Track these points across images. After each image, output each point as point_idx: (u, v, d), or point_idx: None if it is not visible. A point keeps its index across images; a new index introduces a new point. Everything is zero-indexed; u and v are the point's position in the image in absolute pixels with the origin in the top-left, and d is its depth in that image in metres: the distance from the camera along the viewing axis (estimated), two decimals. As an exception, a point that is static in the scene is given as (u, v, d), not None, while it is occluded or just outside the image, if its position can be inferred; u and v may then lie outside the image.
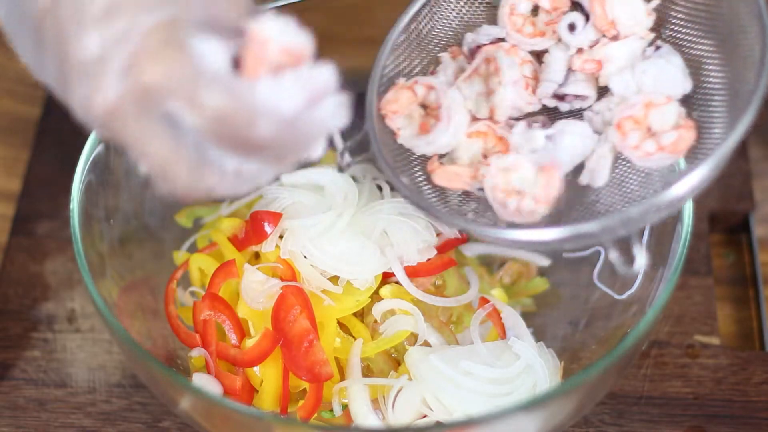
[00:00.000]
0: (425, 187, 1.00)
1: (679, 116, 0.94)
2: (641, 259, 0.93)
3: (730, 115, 0.92)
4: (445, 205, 0.99)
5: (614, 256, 0.93)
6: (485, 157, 0.98)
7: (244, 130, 0.78)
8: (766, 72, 0.88)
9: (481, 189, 0.96)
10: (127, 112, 0.78)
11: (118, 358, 1.13)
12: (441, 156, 1.00)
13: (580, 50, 0.98)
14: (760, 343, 1.16)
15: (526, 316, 1.09)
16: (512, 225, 0.94)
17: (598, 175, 0.96)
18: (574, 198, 0.96)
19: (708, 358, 1.13)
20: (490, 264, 1.15)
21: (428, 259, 1.06)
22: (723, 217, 1.23)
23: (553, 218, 0.94)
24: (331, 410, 1.03)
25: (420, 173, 1.01)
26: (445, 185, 0.99)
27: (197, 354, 1.04)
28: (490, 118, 0.99)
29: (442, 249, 1.07)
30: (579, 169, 0.97)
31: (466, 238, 1.11)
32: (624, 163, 0.96)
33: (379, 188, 1.10)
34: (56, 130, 1.30)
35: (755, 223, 1.22)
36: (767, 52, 0.88)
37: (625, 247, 0.94)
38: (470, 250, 1.14)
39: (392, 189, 1.08)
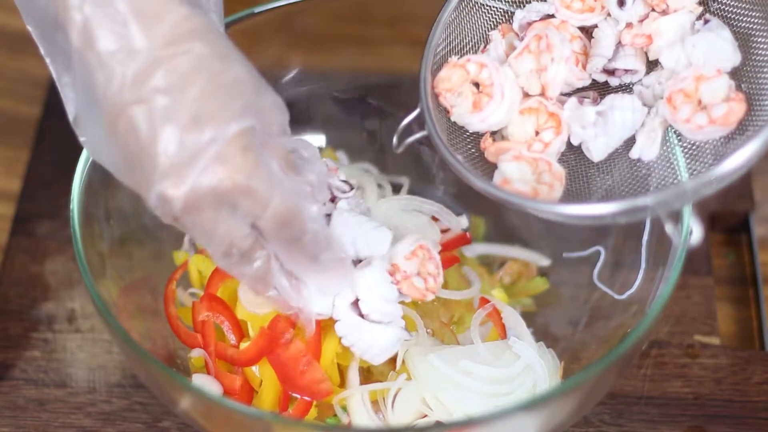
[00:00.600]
0: (479, 165, 1.00)
1: (729, 89, 0.94)
2: (697, 231, 0.93)
3: None
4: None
5: (670, 228, 0.93)
6: (537, 133, 0.99)
7: (296, 228, 0.91)
8: None
9: None
10: (204, 211, 0.89)
11: (118, 358, 1.13)
12: (493, 133, 1.01)
13: (629, 25, 0.99)
14: (760, 343, 1.16)
15: (526, 316, 1.08)
16: (569, 201, 0.95)
17: (649, 149, 0.97)
18: (626, 172, 0.97)
19: (708, 358, 1.13)
20: (490, 264, 1.15)
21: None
22: (723, 217, 1.23)
23: (606, 192, 0.96)
24: (335, 415, 1.03)
25: (474, 150, 1.01)
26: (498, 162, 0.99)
27: (197, 354, 1.04)
28: (542, 94, 0.99)
29: (445, 248, 1.07)
30: (630, 143, 0.98)
31: (469, 239, 1.11)
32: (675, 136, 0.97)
33: (380, 186, 1.10)
34: (56, 130, 1.29)
35: (755, 223, 1.22)
36: None
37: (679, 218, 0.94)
38: (470, 251, 1.14)
39: (442, 169, 1.08)
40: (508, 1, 1.03)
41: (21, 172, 1.28)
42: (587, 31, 1.01)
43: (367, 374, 1.03)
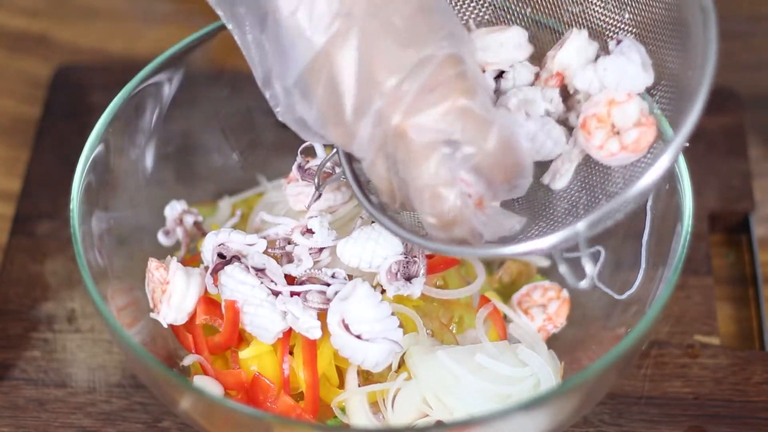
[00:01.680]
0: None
1: (640, 113, 0.94)
2: (590, 270, 0.93)
3: (683, 104, 0.91)
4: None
5: (564, 270, 0.93)
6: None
7: (513, 158, 0.91)
8: (710, 61, 0.88)
9: None
10: (421, 129, 0.88)
11: (118, 358, 1.13)
12: None
13: (536, 76, 0.99)
14: (760, 343, 1.16)
15: (526, 316, 1.09)
16: (500, 242, 0.95)
17: (560, 179, 0.97)
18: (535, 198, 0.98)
19: (708, 358, 1.13)
20: (489, 264, 1.15)
21: (431, 257, 1.06)
22: (723, 217, 1.23)
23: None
24: (335, 417, 1.03)
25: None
26: None
27: (189, 362, 1.04)
28: None
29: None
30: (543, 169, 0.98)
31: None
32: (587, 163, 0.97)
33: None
34: (56, 130, 1.30)
35: (755, 223, 1.22)
36: (709, 39, 0.88)
37: (575, 261, 0.94)
38: (470, 251, 1.14)
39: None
40: None
41: (21, 172, 1.28)
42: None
43: (367, 374, 1.03)
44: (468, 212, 0.91)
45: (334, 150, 1.01)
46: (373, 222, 1.01)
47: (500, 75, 1.00)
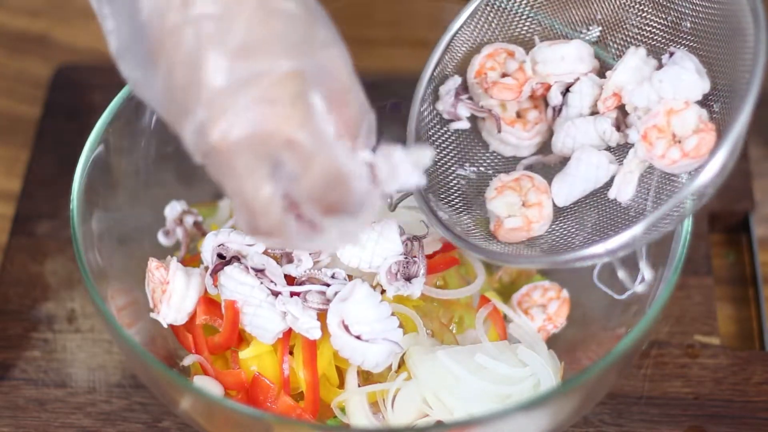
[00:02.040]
0: (464, 216, 1.03)
1: (699, 119, 0.95)
2: (648, 274, 0.94)
3: (735, 103, 0.92)
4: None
5: (623, 274, 0.94)
6: (524, 205, 1.01)
7: (339, 192, 0.84)
8: (759, 65, 0.88)
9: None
10: (240, 150, 0.82)
11: (118, 358, 1.13)
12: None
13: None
14: (760, 343, 1.16)
15: (526, 316, 1.09)
16: (555, 251, 0.98)
17: (625, 190, 0.98)
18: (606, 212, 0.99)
19: (708, 358, 1.13)
20: (489, 264, 1.15)
21: (432, 257, 1.06)
22: (723, 217, 1.23)
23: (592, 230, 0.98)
24: (335, 417, 1.03)
25: (458, 200, 1.03)
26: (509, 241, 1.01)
27: (189, 362, 1.04)
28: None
29: (446, 248, 1.07)
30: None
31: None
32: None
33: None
34: (56, 130, 1.30)
35: (755, 223, 1.22)
36: (760, 40, 0.89)
37: (631, 264, 0.95)
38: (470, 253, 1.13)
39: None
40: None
41: (21, 172, 1.28)
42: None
43: (367, 374, 1.03)
44: (288, 228, 0.86)
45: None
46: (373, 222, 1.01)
47: (567, 89, 1.02)
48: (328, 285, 1.00)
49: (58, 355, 1.14)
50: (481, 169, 1.05)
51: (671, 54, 0.97)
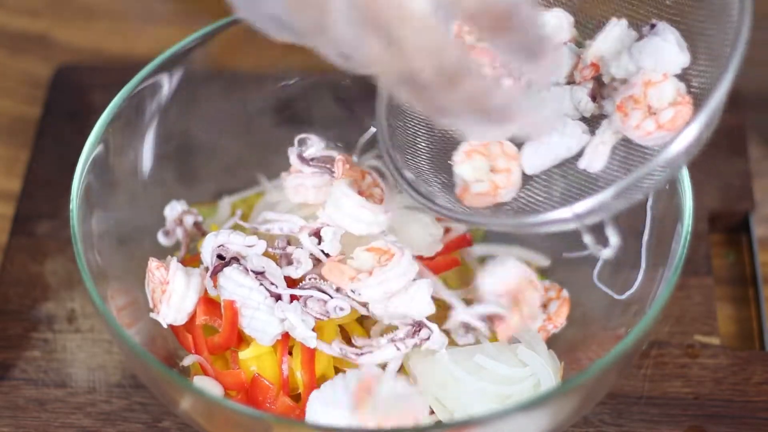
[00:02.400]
0: (432, 181, 1.01)
1: (677, 93, 0.94)
2: (614, 239, 0.93)
3: (715, 77, 0.92)
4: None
5: (588, 239, 0.93)
6: (492, 170, 0.99)
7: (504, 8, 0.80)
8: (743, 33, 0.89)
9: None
10: None
11: (118, 358, 1.13)
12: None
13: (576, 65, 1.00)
14: (760, 343, 1.16)
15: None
16: (524, 213, 0.96)
17: (596, 161, 0.97)
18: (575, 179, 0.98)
19: (708, 358, 1.13)
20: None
21: (433, 258, 1.06)
22: (723, 217, 1.23)
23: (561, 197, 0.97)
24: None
25: (427, 167, 1.02)
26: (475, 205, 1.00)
27: (189, 362, 1.04)
28: None
29: (446, 250, 1.07)
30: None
31: (470, 240, 1.11)
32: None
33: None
34: (56, 130, 1.30)
35: (755, 223, 1.22)
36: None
37: (598, 231, 0.94)
38: (470, 254, 1.13)
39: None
40: None
41: (21, 172, 1.28)
42: None
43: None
44: (472, 64, 0.82)
45: (371, 130, 1.00)
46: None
47: None
48: (331, 296, 1.00)
49: (58, 355, 1.14)
50: (450, 132, 1.03)
51: (652, 26, 0.96)
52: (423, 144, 1.03)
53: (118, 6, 1.44)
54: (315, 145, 1.09)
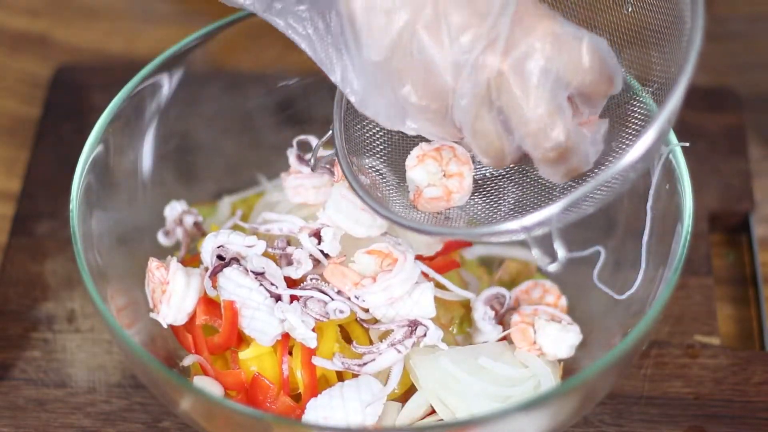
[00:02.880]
0: (385, 184, 1.01)
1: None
2: (561, 252, 0.93)
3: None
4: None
5: (536, 252, 0.93)
6: (444, 175, 1.00)
7: (608, 67, 0.92)
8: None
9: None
10: (522, 64, 0.89)
11: (118, 358, 1.13)
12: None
13: None
14: (760, 343, 1.16)
15: (526, 316, 1.09)
16: (473, 225, 0.97)
17: None
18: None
19: (708, 358, 1.13)
20: (489, 264, 1.15)
21: (432, 259, 1.06)
22: (723, 217, 1.23)
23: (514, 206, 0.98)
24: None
25: (381, 166, 1.03)
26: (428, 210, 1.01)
27: (189, 362, 1.04)
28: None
29: (445, 251, 1.07)
30: None
31: (470, 241, 1.11)
32: None
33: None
34: (56, 130, 1.30)
35: (755, 223, 1.22)
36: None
37: (547, 243, 0.94)
38: (470, 253, 1.14)
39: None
40: None
41: (21, 172, 1.28)
42: None
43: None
44: (579, 135, 0.92)
45: (329, 132, 1.01)
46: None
47: None
48: (331, 298, 1.00)
49: (58, 355, 1.14)
50: (404, 135, 1.04)
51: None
52: (379, 148, 1.03)
53: (118, 6, 1.44)
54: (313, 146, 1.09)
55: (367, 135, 1.03)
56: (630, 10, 0.97)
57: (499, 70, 0.89)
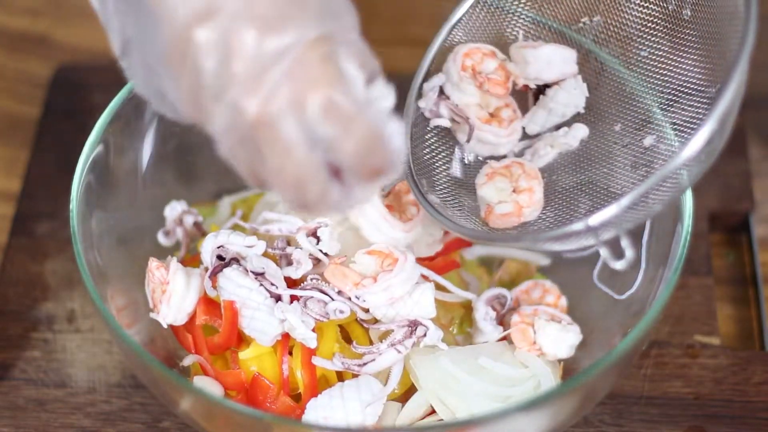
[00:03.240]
0: (451, 202, 1.03)
1: None
2: (629, 252, 0.93)
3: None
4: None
5: (605, 252, 0.93)
6: (514, 191, 1.02)
7: (379, 153, 0.84)
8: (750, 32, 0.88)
9: None
10: (281, 118, 0.82)
11: (118, 358, 1.13)
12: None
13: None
14: (760, 343, 1.16)
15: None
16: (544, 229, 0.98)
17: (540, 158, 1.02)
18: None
19: (708, 358, 1.13)
20: (489, 264, 1.15)
21: (433, 259, 1.06)
22: (723, 217, 1.23)
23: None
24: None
25: (448, 188, 1.04)
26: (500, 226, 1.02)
27: (189, 362, 1.04)
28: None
29: (445, 251, 1.07)
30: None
31: (470, 242, 1.11)
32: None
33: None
34: (56, 130, 1.30)
35: (755, 223, 1.22)
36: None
37: (615, 244, 0.95)
38: (470, 253, 1.14)
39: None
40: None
41: (21, 172, 1.28)
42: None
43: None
44: (332, 194, 0.86)
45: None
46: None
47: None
48: (332, 298, 1.00)
49: (58, 355, 1.14)
50: (469, 158, 1.05)
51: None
52: (443, 169, 1.05)
53: (118, 6, 1.44)
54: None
55: (431, 161, 1.05)
56: (689, 14, 0.98)
57: (255, 117, 0.83)
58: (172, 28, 0.84)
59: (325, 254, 1.02)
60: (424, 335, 1.00)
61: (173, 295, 1.02)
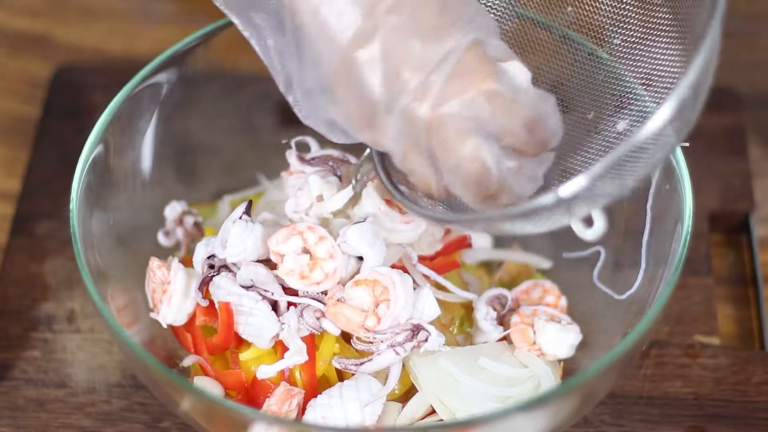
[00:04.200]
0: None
1: None
2: (599, 222, 0.92)
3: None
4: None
5: (577, 225, 0.93)
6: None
7: (541, 128, 0.92)
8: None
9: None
10: (452, 118, 0.90)
11: (118, 358, 1.13)
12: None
13: None
14: (760, 343, 1.16)
15: (526, 316, 1.09)
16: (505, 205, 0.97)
17: None
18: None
19: (708, 358, 1.13)
20: (489, 265, 1.15)
21: (433, 260, 1.06)
22: (723, 217, 1.23)
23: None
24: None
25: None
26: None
27: (189, 362, 1.04)
28: None
29: (445, 251, 1.07)
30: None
31: (470, 241, 1.11)
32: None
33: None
34: (56, 130, 1.30)
35: (755, 223, 1.22)
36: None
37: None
38: (470, 257, 1.13)
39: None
40: None
41: (21, 172, 1.28)
42: None
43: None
44: (514, 177, 0.93)
45: (367, 150, 1.01)
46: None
47: None
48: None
49: (58, 355, 1.14)
50: None
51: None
52: None
53: (118, 6, 1.44)
54: (312, 147, 1.08)
55: None
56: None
57: (428, 120, 0.91)
58: (336, 54, 0.91)
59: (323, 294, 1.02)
60: (426, 340, 1.00)
61: (174, 295, 1.02)
